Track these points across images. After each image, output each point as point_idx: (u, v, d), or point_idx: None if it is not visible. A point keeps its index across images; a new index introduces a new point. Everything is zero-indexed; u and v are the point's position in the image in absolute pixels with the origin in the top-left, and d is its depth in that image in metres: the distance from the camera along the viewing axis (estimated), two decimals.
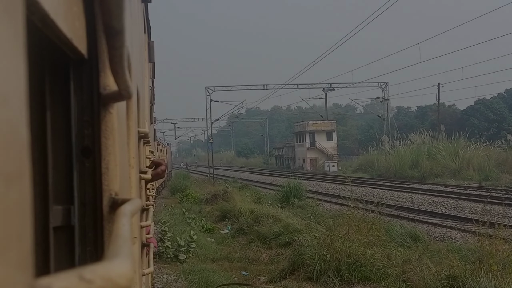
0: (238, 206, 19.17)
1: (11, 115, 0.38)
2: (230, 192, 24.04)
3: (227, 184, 31.28)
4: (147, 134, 3.04)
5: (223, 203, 21.22)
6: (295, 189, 23.40)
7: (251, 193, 26.15)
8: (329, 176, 47.72)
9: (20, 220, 0.39)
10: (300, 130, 72.21)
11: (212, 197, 23.97)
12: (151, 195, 4.14)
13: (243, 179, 41.84)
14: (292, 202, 22.00)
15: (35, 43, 0.87)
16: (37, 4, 0.54)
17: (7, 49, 0.38)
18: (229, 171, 67.20)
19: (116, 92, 0.96)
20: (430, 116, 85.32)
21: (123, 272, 0.46)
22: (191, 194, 26.22)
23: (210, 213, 20.62)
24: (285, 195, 23.07)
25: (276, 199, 23.29)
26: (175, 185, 31.78)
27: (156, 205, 21.31)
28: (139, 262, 2.37)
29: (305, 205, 21.62)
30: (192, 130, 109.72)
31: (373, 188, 31.05)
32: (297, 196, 22.85)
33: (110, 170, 0.97)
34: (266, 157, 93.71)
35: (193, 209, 21.30)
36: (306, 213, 19.06)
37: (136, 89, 2.08)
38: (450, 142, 44.11)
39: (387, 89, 54.20)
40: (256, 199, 23.20)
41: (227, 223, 18.15)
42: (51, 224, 0.94)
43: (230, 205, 19.99)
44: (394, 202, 23.02)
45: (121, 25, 0.72)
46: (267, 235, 14.55)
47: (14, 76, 0.39)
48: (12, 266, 0.37)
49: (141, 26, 3.34)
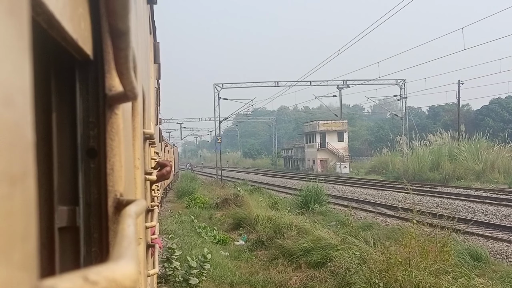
0: (254, 213, 17.03)
1: (16, 116, 0.38)
2: (242, 196, 22.07)
3: (237, 187, 29.58)
4: (152, 135, 3.04)
5: (235, 209, 19.26)
6: (315, 193, 21.10)
7: (264, 197, 24.20)
8: (342, 178, 45.75)
9: (24, 220, 0.39)
10: (310, 130, 70.08)
11: (223, 202, 22.29)
12: (156, 196, 4.14)
13: (253, 181, 39.92)
14: (312, 208, 19.97)
15: (41, 44, 0.87)
16: (43, 5, 0.54)
17: (12, 50, 0.38)
18: (236, 173, 65.65)
19: (121, 93, 0.96)
20: (443, 116, 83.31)
21: (128, 273, 0.46)
22: (199, 198, 24.57)
23: (222, 220, 18.82)
24: (304, 200, 20.88)
25: (293, 205, 21.16)
26: (181, 188, 29.80)
27: (162, 209, 20.23)
28: (144, 263, 2.38)
29: (326, 212, 19.79)
30: (198, 131, 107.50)
31: (397, 192, 28.80)
32: (317, 202, 20.70)
33: (115, 171, 0.97)
34: (274, 158, 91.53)
35: (202, 216, 19.81)
36: (328, 220, 17.49)
37: (142, 90, 2.09)
38: (472, 142, 42.11)
39: (404, 86, 51.04)
40: (271, 204, 21.04)
41: (242, 233, 16.38)
42: (56, 224, 0.94)
43: (244, 212, 17.84)
44: (426, 208, 21.00)
45: (126, 26, 0.72)
46: (293, 250, 12.20)
47: (19, 77, 0.39)
48: (16, 267, 0.37)
49: (147, 27, 3.34)
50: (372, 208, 22.72)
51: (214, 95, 49.20)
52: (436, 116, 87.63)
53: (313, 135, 68.34)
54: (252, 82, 54.56)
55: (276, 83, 53.06)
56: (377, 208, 22.59)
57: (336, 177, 48.15)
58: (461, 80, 51.77)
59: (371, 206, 23.55)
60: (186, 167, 74.11)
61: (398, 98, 51.87)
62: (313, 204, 20.27)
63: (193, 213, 19.96)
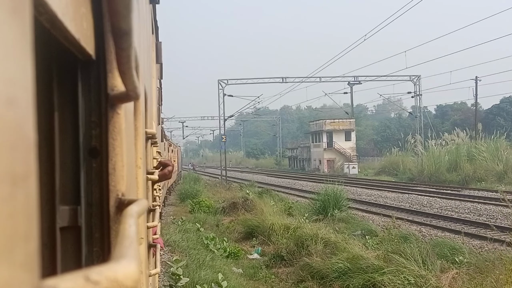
0: (269, 221, 14.82)
1: (18, 115, 0.38)
2: (252, 200, 20.13)
3: (245, 189, 27.77)
4: (155, 135, 3.04)
5: (246, 216, 17.29)
6: (334, 197, 18.82)
7: (275, 200, 22.11)
8: (352, 179, 42.85)
9: (26, 220, 0.39)
10: (317, 129, 67.31)
11: (231, 206, 20.24)
12: (158, 196, 4.15)
13: (259, 182, 37.68)
14: (331, 214, 17.82)
15: (43, 43, 0.87)
16: (45, 5, 0.54)
17: (15, 50, 0.38)
18: (240, 173, 63.52)
19: (123, 93, 0.96)
20: (452, 115, 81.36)
21: (129, 273, 0.46)
22: (204, 201, 22.54)
23: (231, 228, 16.76)
24: (322, 205, 18.64)
25: (309, 210, 19.01)
26: (185, 190, 27.47)
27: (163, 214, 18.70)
28: (146, 263, 2.38)
29: (348, 219, 17.72)
30: (200, 130, 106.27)
31: (419, 195, 26.63)
32: (336, 207, 18.46)
33: (117, 171, 0.97)
34: (278, 158, 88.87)
35: (208, 222, 18.01)
36: (352, 229, 15.62)
37: (144, 90, 2.09)
38: (491, 142, 40.03)
39: (419, 83, 47.71)
40: (285, 209, 18.86)
41: (255, 244, 14.35)
42: (58, 224, 0.94)
43: (256, 219, 15.61)
44: (459, 215, 19.16)
45: (128, 26, 0.72)
46: (325, 271, 10.05)
47: (21, 76, 0.39)
48: (18, 267, 0.37)
49: (149, 27, 3.35)
50: (397, 213, 20.36)
51: (218, 92, 46.26)
52: (444, 115, 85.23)
53: (320, 134, 65.97)
54: (258, 78, 51.41)
55: (284, 79, 49.73)
56: (402, 213, 20.53)
57: (346, 178, 45.84)
58: (478, 77, 49.89)
59: (395, 212, 21.10)
60: (189, 167, 72.85)
61: (412, 95, 48.68)
62: (333, 210, 18.12)
63: (197, 219, 18.38)
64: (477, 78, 50.15)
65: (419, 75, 47.88)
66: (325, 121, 66.35)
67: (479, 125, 45.10)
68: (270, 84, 52.63)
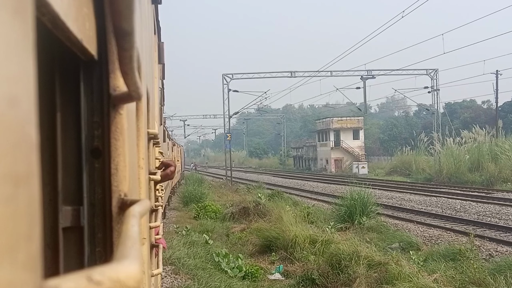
0: (290, 231, 12.32)
1: (21, 116, 0.38)
2: (264, 205, 18.06)
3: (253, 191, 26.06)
4: (157, 135, 3.05)
5: (260, 224, 15.03)
6: (361, 202, 16.51)
7: (288, 203, 19.92)
8: (364, 180, 39.67)
9: (29, 221, 0.39)
10: (323, 127, 64.48)
11: (241, 212, 17.99)
12: (161, 196, 4.15)
13: (266, 183, 35.43)
14: (358, 221, 15.75)
15: (46, 44, 0.87)
16: (48, 5, 0.54)
17: (17, 50, 0.38)
18: (244, 173, 61.38)
19: (125, 93, 0.96)
20: (461, 113, 78.73)
21: (131, 273, 0.46)
22: (210, 206, 20.27)
23: (243, 239, 14.22)
24: (348, 212, 16.36)
25: (334, 217, 16.93)
26: (188, 193, 24.79)
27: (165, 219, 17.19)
28: (148, 263, 2.38)
29: (379, 227, 15.46)
30: (202, 128, 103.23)
31: (450, 198, 24.01)
32: (364, 213, 16.26)
33: (119, 171, 0.97)
34: (283, 157, 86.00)
35: (216, 231, 15.97)
36: (386, 240, 13.42)
37: (146, 90, 2.09)
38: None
39: (436, 77, 44.49)
40: (303, 215, 16.29)
41: (274, 259, 11.94)
42: (60, 224, 0.94)
43: (275, 229, 13.06)
44: (506, 223, 16.85)
45: (131, 26, 0.73)
46: None
47: (23, 77, 0.39)
48: (21, 267, 0.37)
49: (151, 27, 3.35)
50: (431, 220, 18.17)
51: (223, 87, 42.90)
52: (453, 113, 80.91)
53: (327, 133, 63.25)
54: (265, 72, 47.43)
55: (293, 73, 45.74)
56: (436, 220, 18.21)
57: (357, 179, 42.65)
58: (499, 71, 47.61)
59: (427, 218, 18.84)
60: (191, 167, 71.97)
61: (429, 90, 45.54)
62: (360, 217, 15.97)
63: (204, 226, 16.38)
64: (498, 72, 47.90)
65: (436, 68, 44.62)
66: (332, 119, 63.83)
67: (499, 122, 42.60)
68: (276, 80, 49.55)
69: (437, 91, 44.92)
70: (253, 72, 47.79)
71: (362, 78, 48.11)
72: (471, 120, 68.44)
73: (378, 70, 47.89)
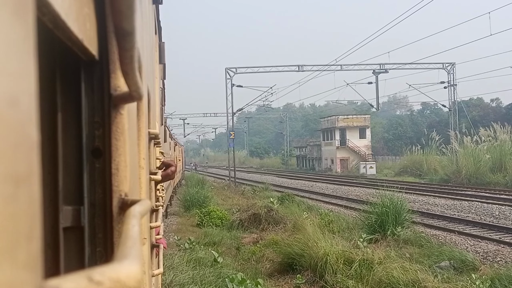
0: (319, 248, 9.90)
1: (21, 116, 0.38)
2: (277, 211, 16.20)
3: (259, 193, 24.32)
4: (158, 135, 3.05)
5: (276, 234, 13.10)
6: (394, 209, 14.20)
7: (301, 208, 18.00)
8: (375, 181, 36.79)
9: (29, 221, 0.39)
10: (328, 126, 62.04)
11: (251, 219, 15.99)
12: (161, 196, 4.15)
13: (273, 185, 33.50)
14: (392, 232, 13.40)
15: (46, 44, 0.87)
16: (49, 5, 0.54)
17: (18, 50, 0.38)
18: (246, 173, 58.78)
19: (126, 93, 0.96)
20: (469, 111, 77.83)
21: (132, 273, 0.46)
22: (215, 212, 17.95)
23: (257, 253, 11.88)
24: (378, 220, 13.96)
25: (361, 226, 14.51)
26: (190, 196, 22.42)
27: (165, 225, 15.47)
28: (149, 263, 2.38)
29: (419, 239, 13.03)
30: (203, 127, 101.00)
31: (483, 202, 21.57)
32: (398, 222, 13.99)
33: (120, 171, 0.97)
34: (285, 157, 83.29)
35: (224, 242, 13.73)
36: (431, 257, 11.09)
37: (147, 90, 2.09)
38: None
39: (453, 71, 41.87)
40: (324, 223, 14.07)
41: (300, 282, 9.57)
42: (61, 224, 0.94)
43: (298, 243, 10.61)
44: None
45: (131, 26, 0.73)
46: None
47: (24, 77, 0.39)
48: (21, 267, 0.37)
49: (152, 27, 3.35)
50: (470, 229, 16.05)
51: (226, 82, 40.55)
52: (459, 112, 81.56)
53: (332, 132, 60.99)
54: (271, 66, 44.43)
55: (300, 67, 42.81)
56: (477, 229, 16.07)
57: (367, 180, 40.02)
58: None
59: (465, 227, 16.53)
60: (191, 167, 70.82)
61: (445, 85, 42.86)
62: (393, 227, 13.72)
63: (210, 237, 14.13)
64: None
65: (453, 62, 41.89)
66: (338, 117, 61.37)
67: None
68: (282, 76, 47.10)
69: (453, 86, 42.48)
70: (258, 66, 44.60)
71: (374, 72, 45.24)
72: (479, 118, 66.26)
73: (392, 64, 44.73)
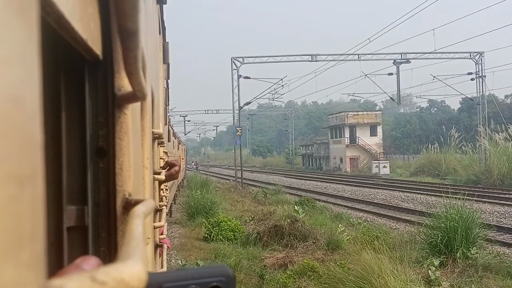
0: (377, 280, 7.63)
1: (25, 116, 0.38)
2: (304, 222, 13.70)
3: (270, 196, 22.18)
4: (161, 135, 3.05)
5: (311, 254, 10.98)
6: (463, 224, 11.26)
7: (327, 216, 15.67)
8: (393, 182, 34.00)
9: (33, 220, 0.39)
10: (337, 123, 58.74)
11: (271, 232, 13.39)
12: (165, 196, 4.16)
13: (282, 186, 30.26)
14: (463, 253, 10.72)
15: (50, 44, 0.87)
16: (53, 5, 0.54)
17: (22, 50, 0.38)
18: (250, 173, 54.77)
19: (130, 93, 0.96)
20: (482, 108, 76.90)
21: (136, 273, 0.46)
22: (225, 222, 14.74)
23: (290, 286, 9.31)
24: (444, 239, 11.13)
25: (420, 246, 11.31)
26: (194, 202, 18.92)
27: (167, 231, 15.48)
28: (152, 263, 2.38)
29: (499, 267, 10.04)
30: (204, 125, 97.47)
31: None
32: (468, 241, 11.15)
33: (124, 171, 0.97)
34: (290, 155, 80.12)
35: (242, 266, 10.70)
36: None
37: (151, 90, 2.09)
38: None
39: (482, 62, 38.05)
40: (368, 239, 11.35)
41: None
42: (64, 224, 0.95)
43: (354, 277, 8.12)
44: None
45: (136, 26, 0.73)
46: None
47: (28, 77, 0.39)
48: (24, 267, 0.37)
49: (156, 27, 3.35)
50: None
51: (232, 73, 37.46)
52: (470, 109, 74.30)
53: (341, 129, 57.39)
54: (281, 56, 41.23)
55: (314, 56, 39.23)
56: None
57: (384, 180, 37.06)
58: None
59: None
60: (192, 166, 69.01)
61: (473, 77, 39.28)
62: (463, 247, 10.91)
63: (221, 257, 11.37)
64: None
65: (482, 51, 38.27)
66: (348, 113, 58.17)
67: None
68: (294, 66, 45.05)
69: (482, 77, 38.82)
70: (267, 55, 41.67)
71: (395, 63, 41.24)
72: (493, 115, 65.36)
73: (414, 53, 40.58)
